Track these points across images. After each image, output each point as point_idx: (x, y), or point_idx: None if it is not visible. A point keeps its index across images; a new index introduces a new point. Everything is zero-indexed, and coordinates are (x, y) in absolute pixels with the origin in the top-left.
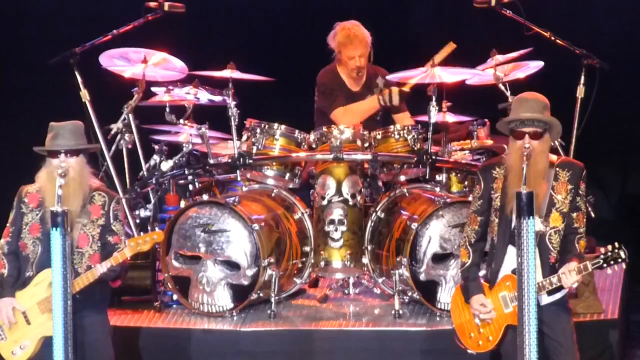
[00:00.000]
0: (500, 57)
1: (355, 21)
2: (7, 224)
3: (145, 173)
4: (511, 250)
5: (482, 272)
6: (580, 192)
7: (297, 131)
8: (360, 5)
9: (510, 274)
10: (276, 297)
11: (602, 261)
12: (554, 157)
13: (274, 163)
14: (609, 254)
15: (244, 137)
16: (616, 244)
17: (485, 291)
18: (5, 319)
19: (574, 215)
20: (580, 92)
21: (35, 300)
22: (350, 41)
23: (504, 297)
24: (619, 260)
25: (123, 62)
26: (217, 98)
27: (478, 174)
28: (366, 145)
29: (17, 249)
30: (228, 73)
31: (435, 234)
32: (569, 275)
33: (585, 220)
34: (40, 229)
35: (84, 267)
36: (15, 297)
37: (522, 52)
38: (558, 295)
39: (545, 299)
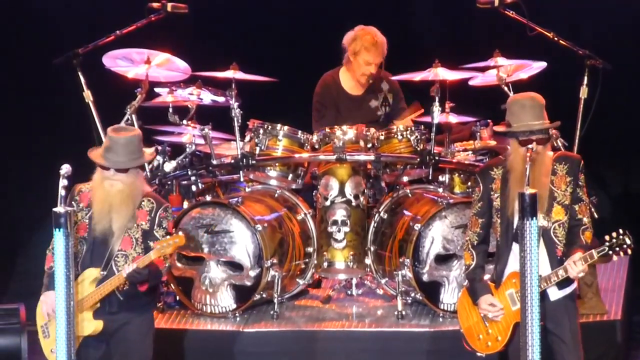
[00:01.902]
0: (500, 60)
1: (373, 27)
2: None
3: (148, 174)
4: (515, 249)
5: (487, 276)
6: (580, 183)
7: (300, 132)
8: (363, 6)
9: (516, 271)
10: (279, 298)
11: (607, 248)
12: (550, 153)
13: (277, 164)
14: (614, 240)
15: (247, 138)
16: (620, 230)
17: (492, 291)
18: (49, 311)
19: (576, 206)
20: (583, 92)
21: (77, 298)
22: (376, 47)
23: (511, 294)
24: (625, 246)
25: (126, 63)
26: (220, 99)
27: (477, 176)
28: (369, 146)
29: None
30: (231, 74)
31: (438, 235)
32: (575, 265)
33: (588, 210)
34: (87, 228)
35: None
36: None
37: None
38: (568, 290)
39: (556, 293)
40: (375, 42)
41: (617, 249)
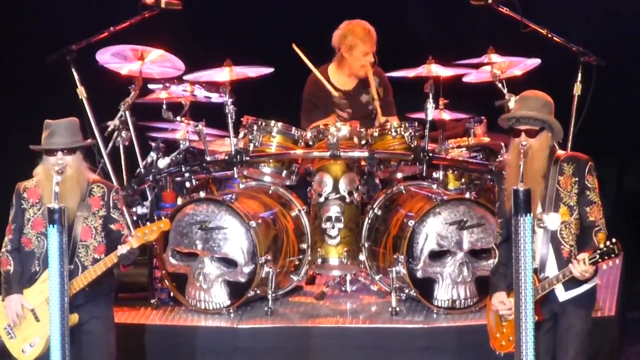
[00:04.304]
0: (494, 56)
1: (357, 19)
2: (9, 222)
3: (142, 170)
4: None
5: None
6: (589, 185)
7: (294, 128)
8: (356, 2)
9: None
10: (273, 294)
11: (597, 256)
12: (561, 153)
13: (270, 160)
14: (605, 249)
15: (241, 135)
16: (613, 240)
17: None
18: (15, 316)
19: (587, 209)
20: (577, 89)
21: (44, 297)
22: (370, 36)
23: None
24: (613, 255)
25: (120, 59)
26: (214, 95)
27: (493, 177)
28: (363, 142)
29: (19, 245)
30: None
31: (432, 231)
32: (578, 264)
33: (601, 212)
34: (45, 224)
35: (90, 260)
36: (23, 295)
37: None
38: (576, 291)
39: (562, 295)
40: (368, 31)
41: (606, 257)
